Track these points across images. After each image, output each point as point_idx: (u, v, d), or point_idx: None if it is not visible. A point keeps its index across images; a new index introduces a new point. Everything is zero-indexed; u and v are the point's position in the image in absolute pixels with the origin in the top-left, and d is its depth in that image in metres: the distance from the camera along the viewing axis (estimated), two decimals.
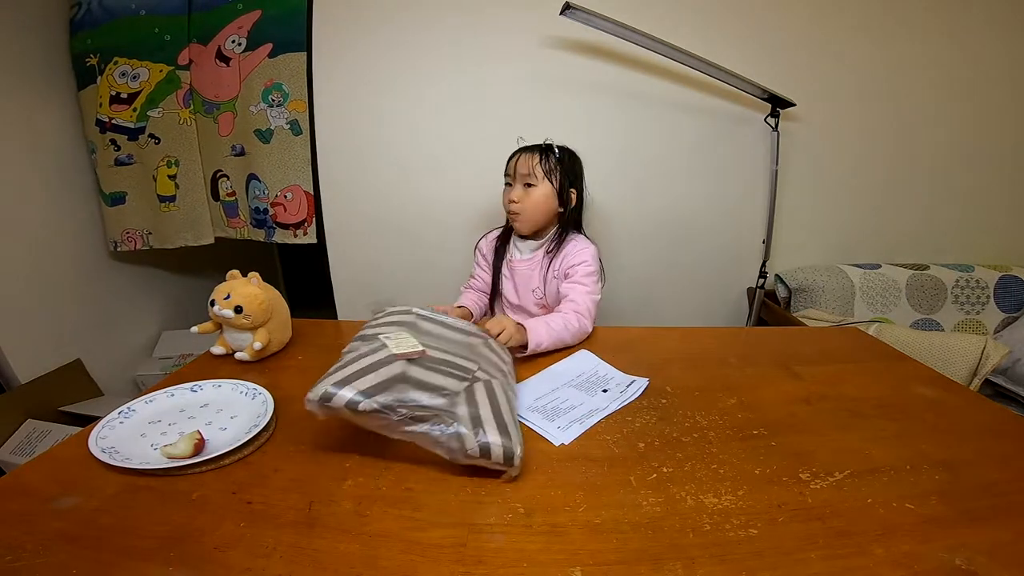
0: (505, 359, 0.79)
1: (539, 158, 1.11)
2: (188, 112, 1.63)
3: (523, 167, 1.11)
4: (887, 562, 0.45)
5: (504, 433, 0.57)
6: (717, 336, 1.09)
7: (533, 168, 1.10)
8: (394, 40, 1.57)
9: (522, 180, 1.11)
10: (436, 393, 0.60)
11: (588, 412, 0.71)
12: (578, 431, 0.67)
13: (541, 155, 1.12)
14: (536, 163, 1.11)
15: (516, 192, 1.12)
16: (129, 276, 1.95)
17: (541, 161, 1.11)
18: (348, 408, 0.56)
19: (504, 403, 0.63)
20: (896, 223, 1.78)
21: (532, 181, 1.11)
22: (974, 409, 0.75)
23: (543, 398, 0.75)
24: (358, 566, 0.45)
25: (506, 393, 0.66)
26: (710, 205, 1.71)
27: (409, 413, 0.57)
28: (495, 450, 0.55)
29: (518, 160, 1.13)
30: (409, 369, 0.62)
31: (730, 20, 1.55)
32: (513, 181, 1.13)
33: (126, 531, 0.49)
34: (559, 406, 0.72)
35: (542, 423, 0.68)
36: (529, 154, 1.12)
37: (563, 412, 0.71)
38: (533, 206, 1.12)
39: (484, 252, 1.26)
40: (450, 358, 0.68)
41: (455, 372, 0.66)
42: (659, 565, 0.45)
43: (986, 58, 1.63)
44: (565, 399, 0.74)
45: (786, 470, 0.59)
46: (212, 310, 0.85)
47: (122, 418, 0.67)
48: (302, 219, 1.64)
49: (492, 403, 0.62)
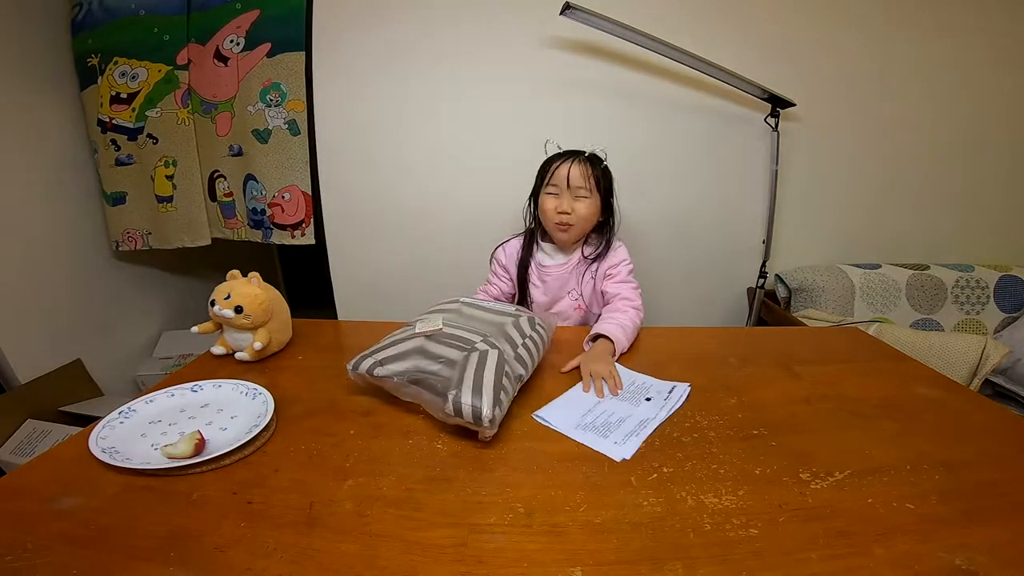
0: (535, 336, 0.81)
1: (590, 168, 1.08)
2: (186, 112, 1.63)
3: (577, 179, 1.07)
4: (887, 562, 0.45)
5: (478, 394, 0.62)
6: (717, 336, 1.09)
7: (587, 179, 1.07)
8: (394, 40, 1.57)
9: (574, 191, 1.08)
10: (437, 361, 0.71)
11: (639, 423, 0.69)
12: (636, 444, 0.64)
13: (592, 165, 1.09)
14: (589, 173, 1.08)
15: (566, 202, 1.08)
16: (130, 276, 1.95)
17: (592, 171, 1.08)
18: (368, 374, 0.72)
19: (491, 369, 0.67)
20: (896, 223, 1.78)
21: (584, 193, 1.08)
22: (974, 409, 0.75)
23: (589, 414, 0.72)
24: (358, 566, 0.45)
25: (500, 361, 0.70)
26: (710, 205, 1.71)
27: (411, 377, 0.70)
28: (465, 409, 0.62)
29: (571, 170, 1.07)
30: (427, 344, 0.74)
31: (730, 20, 1.55)
32: (561, 190, 1.09)
33: (126, 531, 0.49)
34: (608, 420, 0.70)
35: (596, 441, 0.65)
36: (582, 164, 1.08)
37: (614, 426, 0.69)
38: (584, 218, 1.10)
39: (503, 263, 1.23)
40: (461, 333, 0.76)
41: (459, 344, 0.73)
42: (659, 565, 0.45)
43: (986, 58, 1.62)
44: (612, 412, 0.72)
45: (786, 470, 0.59)
46: (212, 310, 0.85)
47: (122, 418, 0.67)
48: (300, 220, 1.64)
49: (479, 369, 0.67)
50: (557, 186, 1.10)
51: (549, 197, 1.11)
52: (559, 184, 1.09)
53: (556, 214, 1.10)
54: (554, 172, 1.10)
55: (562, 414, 0.71)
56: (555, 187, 1.10)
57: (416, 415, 0.71)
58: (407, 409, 0.73)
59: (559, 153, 1.13)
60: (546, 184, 1.12)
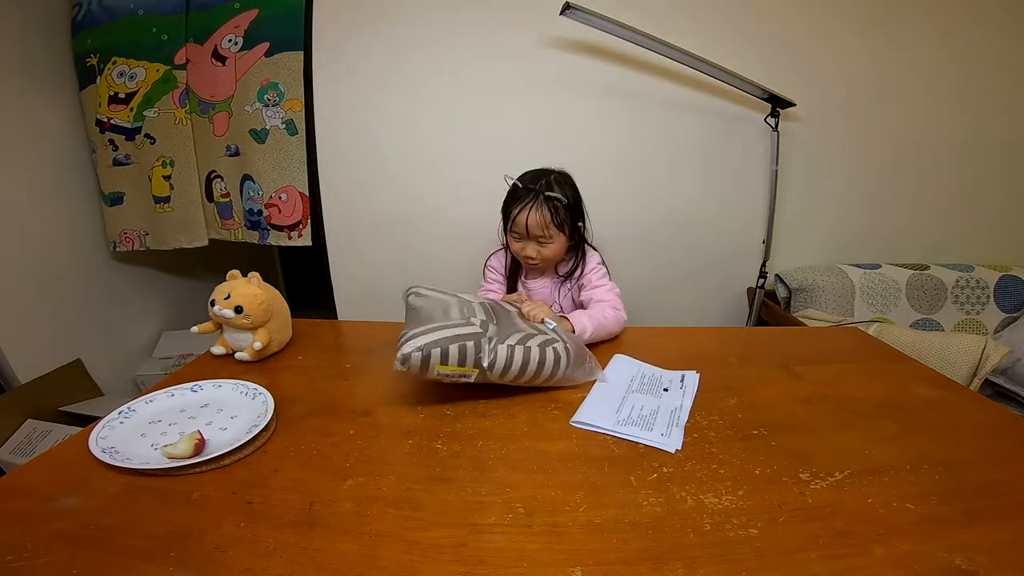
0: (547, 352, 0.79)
1: (549, 214, 1.05)
2: (184, 112, 1.63)
3: (535, 227, 1.05)
4: (887, 562, 0.45)
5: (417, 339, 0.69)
6: (717, 336, 1.09)
7: (545, 227, 1.06)
8: (394, 40, 1.57)
9: (535, 238, 1.08)
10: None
11: (671, 413, 0.71)
12: (680, 434, 0.66)
13: (551, 211, 1.05)
14: (548, 221, 1.05)
15: (531, 249, 1.09)
16: (129, 276, 1.95)
17: (552, 216, 1.05)
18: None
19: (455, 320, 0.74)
20: (896, 223, 1.78)
21: (545, 240, 1.08)
22: (974, 409, 0.75)
23: (621, 410, 0.72)
24: (358, 566, 0.45)
25: (478, 338, 0.72)
26: (710, 205, 1.72)
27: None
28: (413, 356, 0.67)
29: (528, 219, 1.05)
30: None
31: (730, 20, 1.55)
32: (523, 237, 1.09)
33: (126, 531, 0.49)
34: (643, 415, 0.71)
35: (644, 435, 0.66)
36: (539, 212, 1.05)
37: (651, 419, 0.70)
38: (550, 258, 1.11)
39: (496, 268, 1.25)
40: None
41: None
42: (659, 565, 0.45)
43: (986, 58, 1.62)
44: (642, 406, 0.73)
45: (786, 470, 0.59)
46: (212, 310, 0.85)
47: (122, 418, 0.67)
48: (297, 220, 1.64)
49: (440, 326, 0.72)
50: (519, 233, 1.09)
51: (514, 240, 1.12)
52: (520, 232, 1.08)
53: (523, 256, 1.11)
54: (514, 220, 1.07)
55: (597, 415, 0.71)
56: (517, 233, 1.09)
57: (416, 415, 0.71)
58: (407, 409, 0.73)
59: (517, 193, 1.08)
60: (509, 228, 1.11)
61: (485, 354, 0.70)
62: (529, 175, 1.11)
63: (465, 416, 0.71)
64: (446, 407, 0.73)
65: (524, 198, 1.06)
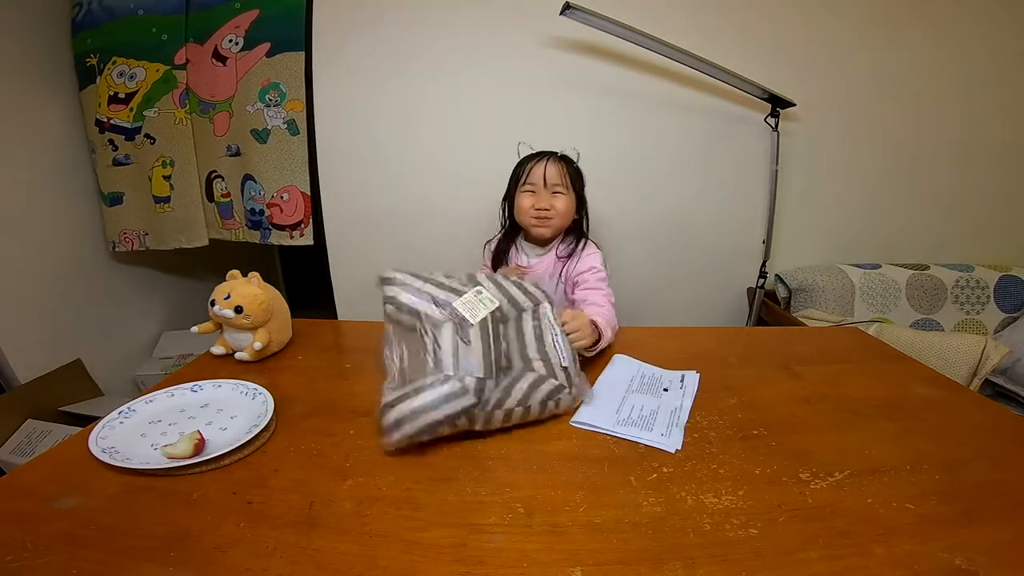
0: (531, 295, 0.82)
1: (564, 168, 1.12)
2: (184, 112, 1.63)
3: (553, 176, 1.11)
4: (887, 562, 0.45)
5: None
6: (717, 336, 1.09)
7: (563, 177, 1.11)
8: (394, 40, 1.57)
9: (551, 188, 1.11)
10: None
11: (671, 413, 0.71)
12: (680, 434, 0.66)
13: (566, 166, 1.12)
14: (564, 172, 1.11)
15: (545, 199, 1.12)
16: (129, 276, 1.95)
17: (567, 169, 1.12)
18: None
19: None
20: (896, 223, 1.78)
21: (560, 190, 1.12)
22: (974, 409, 0.75)
23: (621, 410, 0.72)
24: (358, 566, 0.45)
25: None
26: (710, 205, 1.72)
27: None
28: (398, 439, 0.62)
29: (546, 168, 1.11)
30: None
31: (730, 20, 1.55)
32: (538, 189, 1.12)
33: (126, 531, 0.49)
34: (643, 415, 0.71)
35: (644, 435, 0.66)
36: (557, 163, 1.12)
37: (651, 419, 0.70)
38: (562, 213, 1.13)
39: (486, 259, 1.27)
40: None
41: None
42: (659, 565, 0.45)
43: (985, 58, 1.62)
44: (642, 406, 0.73)
45: (786, 470, 0.59)
46: (212, 310, 0.85)
47: (122, 418, 0.67)
48: (299, 220, 1.64)
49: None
50: (534, 184, 1.12)
51: (526, 195, 1.14)
52: (536, 183, 1.12)
53: (534, 210, 1.12)
54: (530, 172, 1.12)
55: (597, 415, 0.71)
56: (532, 185, 1.13)
57: None
58: None
59: (532, 154, 1.15)
60: (522, 184, 1.14)
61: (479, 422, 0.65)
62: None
63: None
64: None
65: (539, 156, 1.13)
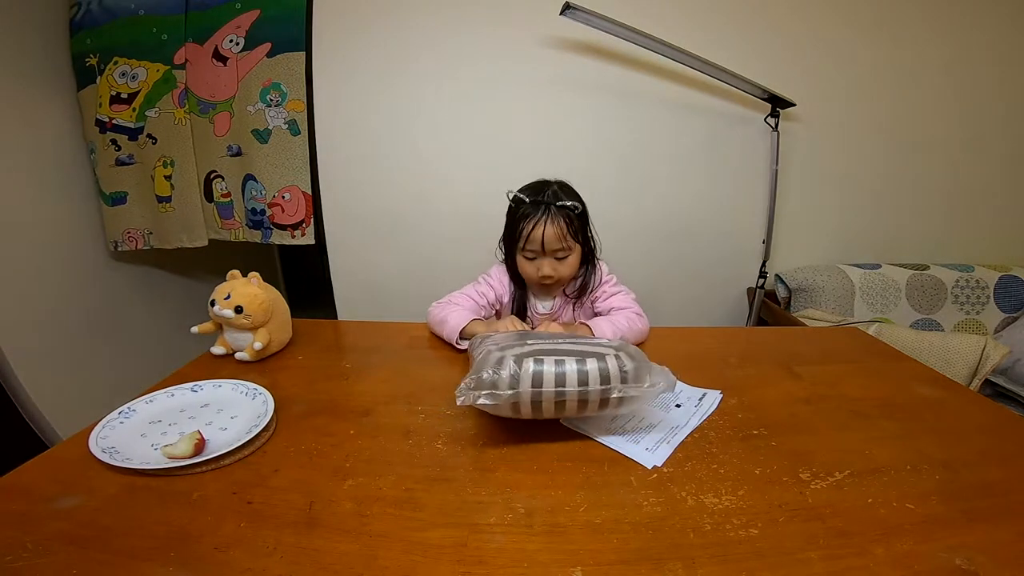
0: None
1: (566, 225, 0.97)
2: (183, 112, 1.63)
3: (553, 240, 0.97)
4: (887, 562, 0.45)
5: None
6: (717, 336, 1.09)
7: (564, 238, 0.97)
8: (394, 40, 1.57)
9: (552, 253, 0.99)
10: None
11: (670, 430, 0.68)
12: (667, 451, 0.63)
13: (567, 221, 0.97)
14: (565, 232, 0.97)
15: (547, 267, 1.00)
16: (129, 276, 1.95)
17: (569, 228, 0.97)
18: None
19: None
20: (896, 223, 1.78)
21: (563, 252, 1.00)
22: (974, 409, 0.75)
23: (619, 418, 0.71)
24: (358, 566, 0.45)
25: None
26: (710, 205, 1.72)
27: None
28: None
29: (544, 233, 0.96)
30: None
31: (730, 20, 1.55)
32: (538, 254, 1.00)
33: (126, 531, 0.49)
34: (638, 426, 0.69)
35: (627, 447, 0.64)
36: (555, 224, 0.96)
37: (644, 432, 0.67)
38: (569, 274, 1.03)
39: (495, 286, 1.11)
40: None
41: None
42: (659, 565, 0.45)
43: (985, 58, 1.63)
44: (642, 418, 0.71)
45: (786, 470, 0.59)
46: (212, 310, 0.85)
47: (122, 418, 0.67)
48: (300, 220, 1.64)
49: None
50: (534, 250, 0.99)
51: (527, 262, 1.02)
52: (535, 248, 0.99)
53: (538, 277, 1.02)
54: (528, 236, 0.97)
55: (590, 419, 0.70)
56: (532, 252, 1.00)
57: (416, 415, 0.71)
58: (407, 409, 0.73)
59: (526, 208, 0.99)
60: (521, 247, 1.01)
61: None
62: (529, 188, 1.03)
63: (465, 416, 0.71)
64: (446, 407, 0.73)
65: (534, 212, 0.97)
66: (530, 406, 0.61)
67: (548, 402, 0.61)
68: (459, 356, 0.93)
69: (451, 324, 0.94)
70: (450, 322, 0.95)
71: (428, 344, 0.98)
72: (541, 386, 0.60)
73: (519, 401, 0.61)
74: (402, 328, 1.06)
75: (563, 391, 0.61)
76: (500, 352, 0.63)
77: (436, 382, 0.82)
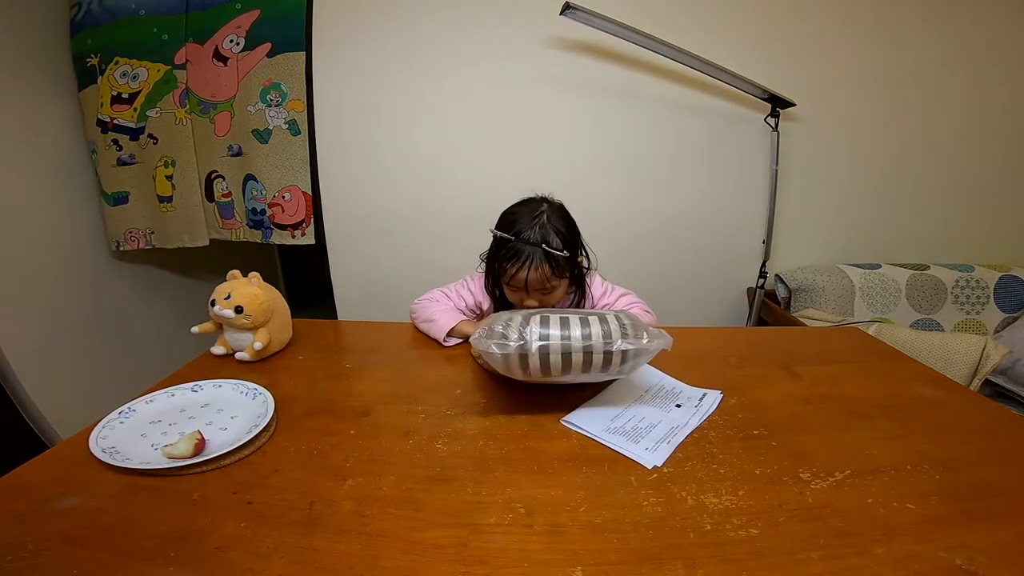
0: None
1: (550, 269, 0.93)
2: (183, 112, 1.63)
3: (536, 283, 0.94)
4: (887, 562, 0.45)
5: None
6: (717, 336, 1.09)
7: (547, 280, 0.94)
8: (394, 40, 1.57)
9: (536, 294, 0.97)
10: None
11: (670, 430, 0.68)
12: (667, 451, 0.63)
13: (552, 266, 0.93)
14: (549, 275, 0.93)
15: (534, 300, 0.97)
16: (129, 276, 1.95)
17: (553, 268, 0.93)
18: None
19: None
20: (896, 223, 1.78)
21: (550, 289, 0.96)
22: (974, 409, 0.75)
23: (619, 418, 0.71)
24: (358, 566, 0.45)
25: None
26: (710, 205, 1.72)
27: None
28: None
29: (528, 278, 0.92)
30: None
31: (730, 20, 1.55)
32: (524, 291, 0.96)
33: (126, 531, 0.49)
34: (638, 425, 0.69)
35: (628, 446, 0.64)
36: (538, 271, 0.92)
37: (645, 432, 0.67)
38: (554, 303, 0.99)
39: (475, 293, 1.09)
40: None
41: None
42: (659, 565, 0.45)
43: (986, 58, 1.63)
44: (642, 417, 0.71)
45: (786, 470, 0.59)
46: (212, 310, 0.85)
47: (122, 418, 0.67)
48: (300, 219, 1.64)
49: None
50: (517, 288, 0.97)
51: (512, 292, 0.99)
52: (519, 287, 0.96)
53: (523, 306, 0.97)
54: (511, 277, 0.94)
55: (591, 418, 0.70)
56: (513, 289, 0.98)
57: (416, 415, 0.71)
58: (407, 409, 0.73)
59: (510, 249, 0.94)
60: (505, 283, 0.99)
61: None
62: (515, 218, 0.97)
63: (465, 416, 0.71)
64: (446, 407, 0.73)
65: (519, 256, 0.93)
66: (538, 359, 0.64)
67: (555, 355, 0.65)
68: (459, 356, 0.93)
69: (440, 323, 0.96)
70: (439, 321, 0.96)
71: (428, 344, 0.98)
72: (548, 340, 0.65)
73: (527, 353, 0.64)
74: (402, 328, 1.06)
75: (568, 344, 0.65)
76: (508, 315, 0.69)
77: (436, 382, 0.82)
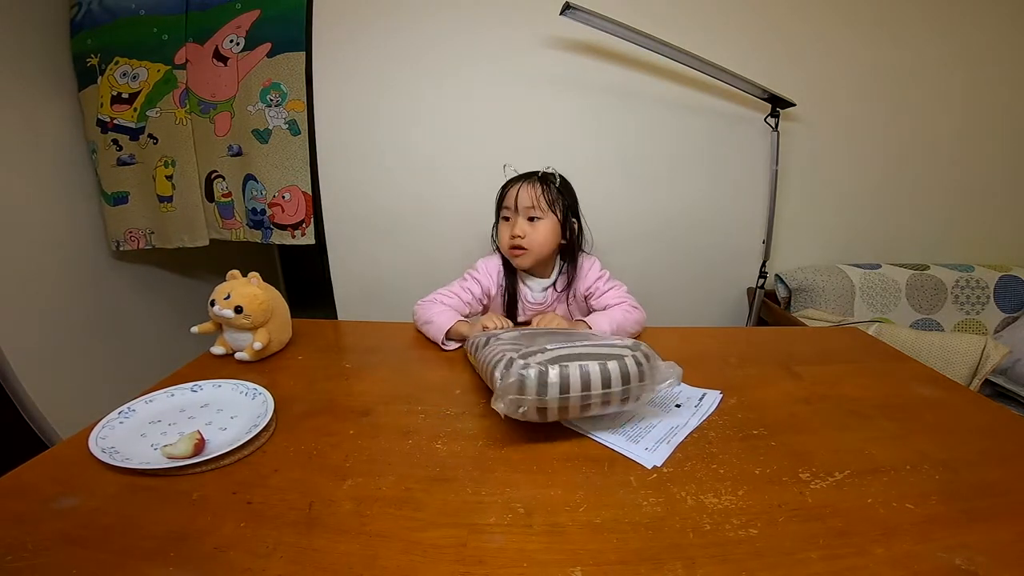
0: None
1: (541, 189, 1.03)
2: (184, 112, 1.63)
3: (525, 199, 1.04)
4: (887, 562, 0.45)
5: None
6: (717, 336, 1.09)
7: (537, 200, 1.03)
8: (394, 40, 1.57)
9: (525, 213, 1.04)
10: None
11: (670, 430, 0.68)
12: (667, 451, 0.63)
13: (543, 185, 1.04)
14: (539, 194, 1.03)
15: (520, 226, 1.04)
16: (129, 276, 1.95)
17: (544, 192, 1.03)
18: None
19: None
20: (896, 223, 1.78)
21: (536, 214, 1.04)
22: (974, 409, 0.75)
23: (618, 417, 0.71)
24: (358, 566, 0.45)
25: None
26: (710, 205, 1.71)
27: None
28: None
29: (519, 192, 1.04)
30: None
31: (730, 20, 1.55)
32: (513, 214, 1.05)
33: (126, 531, 0.49)
34: (638, 426, 0.69)
35: (627, 446, 0.64)
36: (530, 185, 1.04)
37: (644, 432, 0.67)
38: (540, 241, 1.05)
39: (484, 283, 1.14)
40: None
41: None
42: (659, 565, 0.45)
43: (986, 58, 1.62)
44: (642, 418, 0.71)
45: (786, 470, 0.59)
46: (212, 310, 0.85)
47: (122, 418, 0.67)
48: (300, 219, 1.64)
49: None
50: (509, 209, 1.06)
51: (503, 224, 1.09)
52: (510, 207, 1.06)
53: (509, 239, 1.06)
54: (504, 195, 1.08)
55: (591, 418, 0.70)
56: (506, 210, 1.08)
57: (416, 415, 0.71)
58: (407, 409, 0.73)
59: (512, 178, 1.09)
60: (499, 211, 1.10)
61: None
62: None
63: (465, 416, 0.71)
64: (446, 407, 0.73)
65: (516, 179, 1.08)
66: (557, 411, 0.62)
67: (575, 404, 0.62)
68: (459, 356, 0.93)
69: (437, 324, 0.97)
70: (436, 322, 0.97)
71: (428, 344, 0.98)
72: (568, 392, 0.61)
73: (547, 408, 0.61)
74: (402, 328, 1.06)
75: (588, 394, 0.62)
76: (523, 360, 0.63)
77: (436, 382, 0.82)
